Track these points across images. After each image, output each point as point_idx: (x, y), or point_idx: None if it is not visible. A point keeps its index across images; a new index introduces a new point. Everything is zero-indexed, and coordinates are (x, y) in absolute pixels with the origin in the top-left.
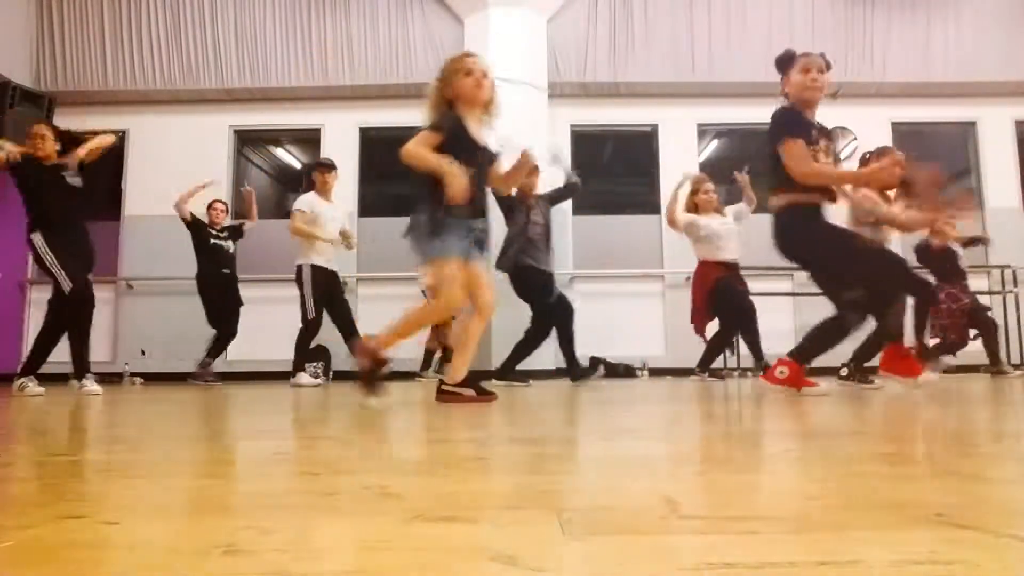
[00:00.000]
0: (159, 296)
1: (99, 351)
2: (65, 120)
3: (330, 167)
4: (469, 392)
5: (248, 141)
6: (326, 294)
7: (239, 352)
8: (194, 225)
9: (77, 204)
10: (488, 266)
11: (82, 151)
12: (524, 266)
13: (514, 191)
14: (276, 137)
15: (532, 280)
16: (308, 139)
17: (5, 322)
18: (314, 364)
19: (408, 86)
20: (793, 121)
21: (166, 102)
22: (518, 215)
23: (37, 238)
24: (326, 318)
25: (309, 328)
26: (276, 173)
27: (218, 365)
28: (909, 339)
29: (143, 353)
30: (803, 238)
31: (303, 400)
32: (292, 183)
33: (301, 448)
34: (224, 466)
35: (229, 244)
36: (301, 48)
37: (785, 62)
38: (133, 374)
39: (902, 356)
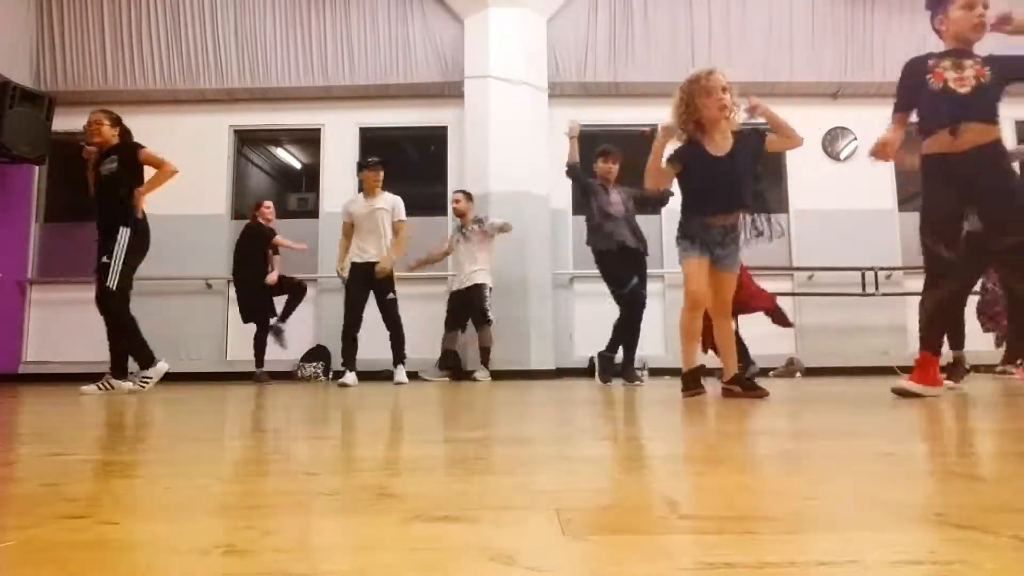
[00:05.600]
0: (159, 296)
1: (99, 351)
2: (65, 120)
3: (365, 165)
4: (736, 389)
5: (248, 141)
6: (361, 289)
7: (241, 352)
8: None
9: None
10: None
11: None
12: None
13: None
14: (276, 137)
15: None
16: (308, 139)
17: (5, 322)
18: (314, 364)
19: (408, 86)
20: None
21: (166, 102)
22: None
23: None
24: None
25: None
26: (276, 173)
27: (218, 364)
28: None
29: None
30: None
31: (303, 400)
32: (292, 183)
33: (301, 448)
34: (224, 466)
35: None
36: (301, 48)
37: None
38: (133, 374)
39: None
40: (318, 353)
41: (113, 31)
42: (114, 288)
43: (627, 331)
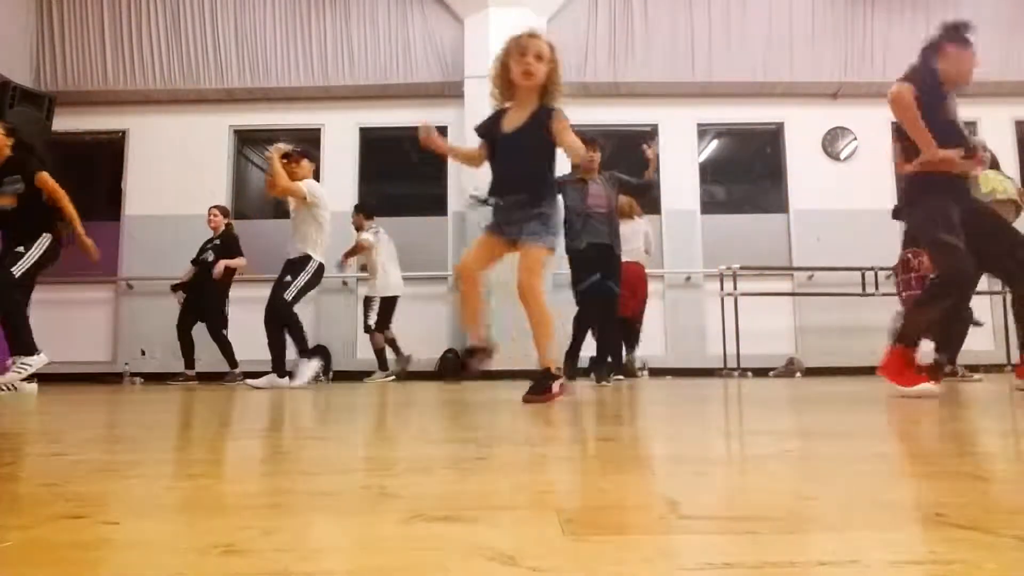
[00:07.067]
0: (159, 296)
1: (99, 351)
2: (65, 120)
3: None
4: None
5: (248, 141)
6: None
7: (242, 352)
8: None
9: None
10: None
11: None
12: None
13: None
14: (276, 137)
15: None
16: (308, 139)
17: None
18: None
19: (408, 86)
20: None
21: (166, 102)
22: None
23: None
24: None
25: None
26: None
27: (219, 364)
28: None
29: (143, 353)
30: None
31: (302, 400)
32: None
33: (301, 448)
34: (224, 466)
35: (209, 255)
36: (301, 48)
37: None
38: (133, 374)
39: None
40: (318, 353)
41: (113, 31)
42: (16, 276)
43: (576, 332)
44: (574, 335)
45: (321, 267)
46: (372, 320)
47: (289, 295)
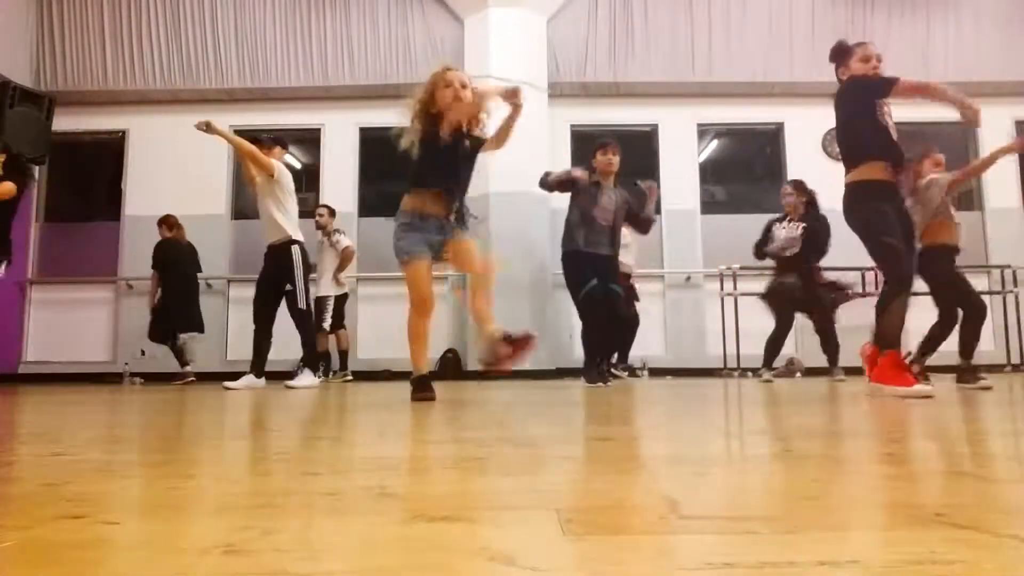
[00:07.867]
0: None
1: (99, 351)
2: (65, 120)
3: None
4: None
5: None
6: (264, 278)
7: (242, 352)
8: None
9: None
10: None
11: None
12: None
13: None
14: (277, 138)
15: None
16: (308, 139)
17: (5, 322)
18: None
19: (408, 86)
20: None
21: (166, 102)
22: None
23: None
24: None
25: None
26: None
27: (218, 364)
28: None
29: (143, 353)
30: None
31: (302, 400)
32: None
33: (301, 448)
34: (224, 466)
35: None
36: (301, 48)
37: (843, 53)
38: (133, 374)
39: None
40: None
41: (113, 31)
42: None
43: (591, 337)
44: (589, 345)
45: (302, 247)
46: (327, 322)
47: (302, 302)
